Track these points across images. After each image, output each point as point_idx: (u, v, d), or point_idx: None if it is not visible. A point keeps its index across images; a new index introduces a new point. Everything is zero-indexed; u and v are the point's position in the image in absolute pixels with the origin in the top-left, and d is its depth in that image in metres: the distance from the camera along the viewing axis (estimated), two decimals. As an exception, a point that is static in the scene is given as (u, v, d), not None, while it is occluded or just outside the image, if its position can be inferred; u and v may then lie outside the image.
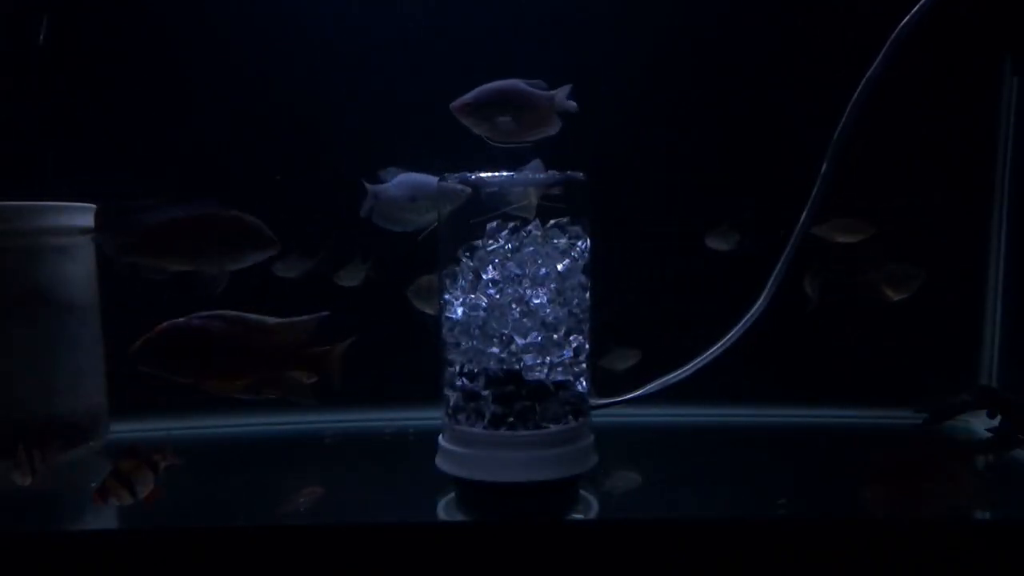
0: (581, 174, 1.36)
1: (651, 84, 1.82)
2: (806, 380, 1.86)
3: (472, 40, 1.79)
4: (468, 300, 1.35)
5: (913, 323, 1.80)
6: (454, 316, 1.36)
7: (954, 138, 1.83)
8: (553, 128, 1.39)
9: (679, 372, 1.68)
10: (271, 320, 1.28)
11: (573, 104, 1.41)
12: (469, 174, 1.35)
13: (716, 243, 1.75)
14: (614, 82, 1.77)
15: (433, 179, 1.41)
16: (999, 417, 1.59)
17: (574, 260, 1.36)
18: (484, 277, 1.34)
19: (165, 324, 1.25)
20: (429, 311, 1.63)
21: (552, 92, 1.40)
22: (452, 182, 1.36)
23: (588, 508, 1.33)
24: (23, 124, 1.80)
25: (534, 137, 1.39)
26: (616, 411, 1.67)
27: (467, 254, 1.36)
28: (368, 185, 1.51)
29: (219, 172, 1.81)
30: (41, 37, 1.77)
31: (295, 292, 1.75)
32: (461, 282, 1.36)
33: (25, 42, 1.78)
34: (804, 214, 1.65)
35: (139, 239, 1.29)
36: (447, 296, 1.38)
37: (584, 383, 1.37)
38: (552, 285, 1.34)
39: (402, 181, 1.49)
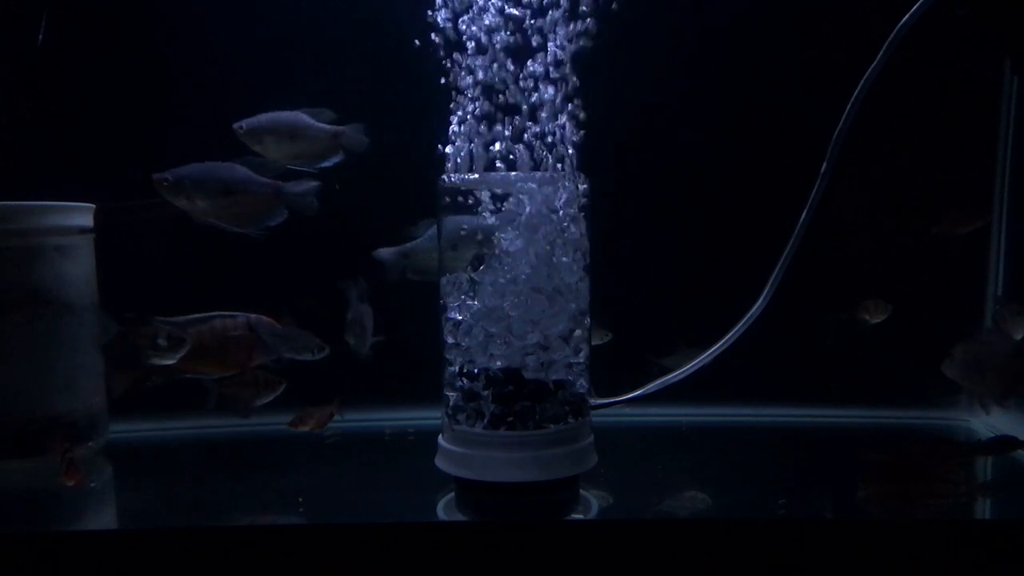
0: (581, 174, 1.36)
1: (651, 83, 1.82)
2: (806, 380, 1.86)
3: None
4: (468, 300, 1.35)
5: (913, 323, 1.80)
6: (454, 316, 1.36)
7: (954, 138, 1.83)
8: (335, 159, 1.57)
9: (679, 372, 1.68)
10: None
11: (364, 140, 1.58)
12: (464, 175, 1.35)
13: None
14: (614, 81, 1.77)
15: (469, 217, 1.39)
16: None
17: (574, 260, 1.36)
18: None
19: None
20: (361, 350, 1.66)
21: (339, 128, 1.58)
22: (451, 182, 1.36)
23: (588, 508, 1.33)
24: (22, 124, 1.80)
25: (314, 165, 1.56)
26: (616, 411, 1.67)
27: (467, 254, 1.36)
28: (384, 253, 1.55)
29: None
30: (40, 37, 1.77)
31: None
32: (461, 282, 1.36)
33: (24, 42, 1.78)
34: (804, 214, 1.65)
35: None
36: (447, 296, 1.38)
37: (584, 383, 1.37)
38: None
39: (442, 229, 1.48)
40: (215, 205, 1.47)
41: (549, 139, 1.35)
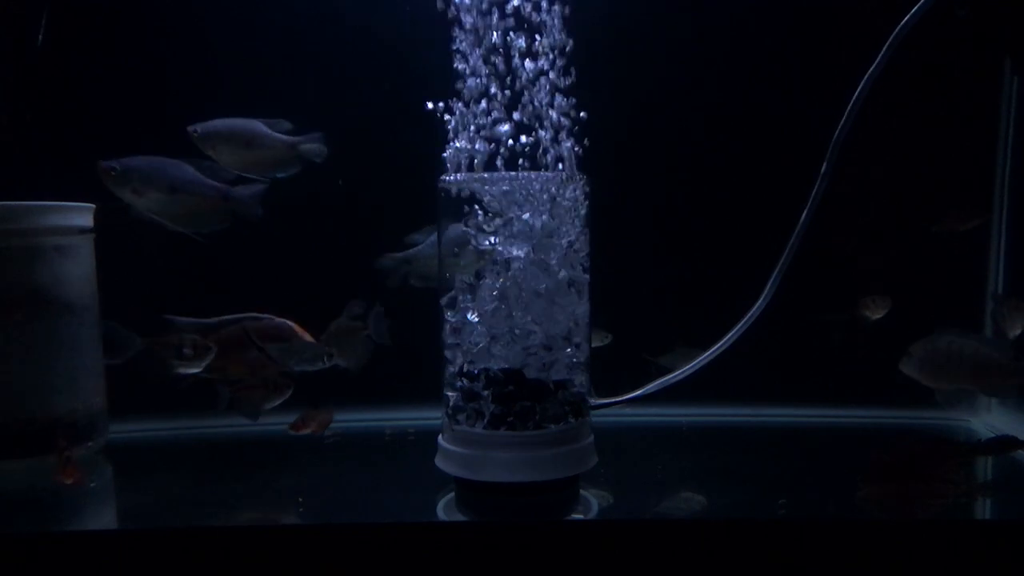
0: (581, 174, 1.36)
1: (651, 83, 1.82)
2: (806, 380, 1.86)
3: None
4: (469, 300, 1.35)
5: (913, 323, 1.80)
6: (455, 316, 1.36)
7: (954, 138, 1.83)
8: (292, 169, 1.57)
9: (679, 372, 1.68)
10: None
11: (321, 150, 1.57)
12: (465, 175, 1.35)
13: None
14: (614, 81, 1.77)
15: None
16: None
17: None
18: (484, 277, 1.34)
19: None
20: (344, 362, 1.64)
21: (296, 138, 1.57)
22: (451, 182, 1.36)
23: (588, 508, 1.33)
24: (23, 124, 1.80)
25: (270, 174, 1.56)
26: (616, 411, 1.67)
27: (467, 254, 1.36)
28: (387, 260, 1.57)
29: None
30: (39, 37, 1.77)
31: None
32: (462, 283, 1.36)
33: (24, 42, 1.78)
34: (804, 214, 1.65)
35: None
36: (448, 296, 1.38)
37: (584, 383, 1.37)
38: (552, 285, 1.34)
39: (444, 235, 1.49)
40: (159, 201, 1.46)
41: (549, 139, 1.35)
